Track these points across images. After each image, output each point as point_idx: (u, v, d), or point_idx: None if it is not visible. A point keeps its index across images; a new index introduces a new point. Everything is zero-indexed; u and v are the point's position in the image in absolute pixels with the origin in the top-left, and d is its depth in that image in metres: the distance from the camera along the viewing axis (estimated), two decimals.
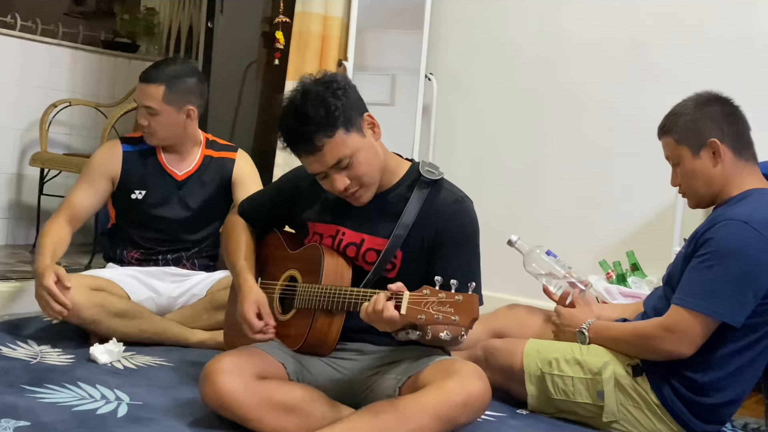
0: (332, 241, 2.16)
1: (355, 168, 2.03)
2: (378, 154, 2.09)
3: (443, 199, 2.11)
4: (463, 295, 1.72)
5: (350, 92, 2.05)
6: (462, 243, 2.10)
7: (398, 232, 2.08)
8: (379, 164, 2.09)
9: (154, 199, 2.93)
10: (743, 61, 3.19)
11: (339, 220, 2.17)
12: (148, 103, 2.86)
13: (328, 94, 2.00)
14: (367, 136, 2.06)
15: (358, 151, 2.02)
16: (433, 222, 2.09)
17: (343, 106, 2.00)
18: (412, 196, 2.11)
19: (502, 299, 2.90)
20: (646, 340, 2.22)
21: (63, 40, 4.75)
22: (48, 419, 1.96)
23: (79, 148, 4.73)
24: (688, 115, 2.27)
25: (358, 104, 2.07)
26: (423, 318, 1.74)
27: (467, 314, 1.71)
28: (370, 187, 2.09)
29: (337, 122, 1.99)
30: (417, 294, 1.76)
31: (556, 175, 3.64)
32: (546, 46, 3.69)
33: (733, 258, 2.13)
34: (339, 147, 2.00)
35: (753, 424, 2.51)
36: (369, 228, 2.13)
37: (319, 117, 1.98)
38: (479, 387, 1.89)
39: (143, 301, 2.83)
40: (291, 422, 1.92)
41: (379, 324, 1.84)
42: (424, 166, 2.15)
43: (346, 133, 2.00)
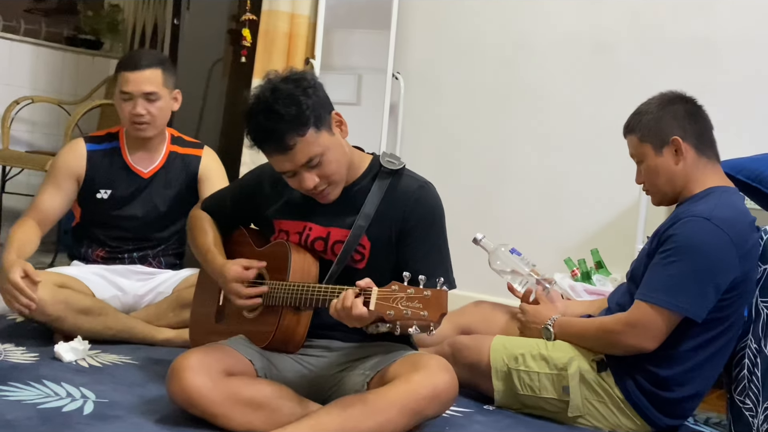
0: (299, 237, 2.17)
1: (324, 166, 2.03)
2: (345, 152, 2.10)
3: (406, 186, 2.13)
4: (431, 291, 1.73)
5: (319, 90, 2.06)
6: (429, 227, 2.11)
7: (359, 223, 2.09)
8: (347, 162, 2.10)
9: (119, 198, 2.90)
10: (704, 61, 3.25)
11: (305, 216, 2.17)
12: (150, 89, 2.81)
13: (298, 92, 1.99)
14: (335, 134, 2.07)
15: (328, 149, 2.03)
16: (399, 209, 2.11)
17: (314, 105, 2.00)
18: (373, 186, 2.12)
19: (469, 297, 2.93)
20: (609, 335, 2.26)
21: (25, 36, 4.69)
22: (12, 416, 1.94)
23: (41, 145, 4.68)
24: (651, 114, 2.31)
25: (326, 102, 2.07)
26: (392, 314, 1.75)
27: (436, 310, 1.72)
28: (338, 185, 2.10)
29: (309, 121, 1.98)
30: (385, 290, 1.77)
31: (522, 174, 3.68)
32: (511, 46, 3.73)
33: (694, 254, 2.16)
34: (310, 146, 1.99)
35: (715, 419, 2.55)
36: (334, 221, 2.14)
37: (291, 115, 1.97)
38: (446, 380, 1.91)
39: (109, 300, 2.80)
40: (258, 418, 1.92)
41: (348, 321, 1.85)
42: (384, 157, 2.16)
43: (317, 131, 2.00)
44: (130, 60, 2.87)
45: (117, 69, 2.88)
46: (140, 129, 2.85)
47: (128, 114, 2.83)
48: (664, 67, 3.31)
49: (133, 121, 2.83)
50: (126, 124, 2.87)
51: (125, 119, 2.85)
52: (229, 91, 5.58)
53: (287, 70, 2.10)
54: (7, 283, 2.54)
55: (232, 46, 5.43)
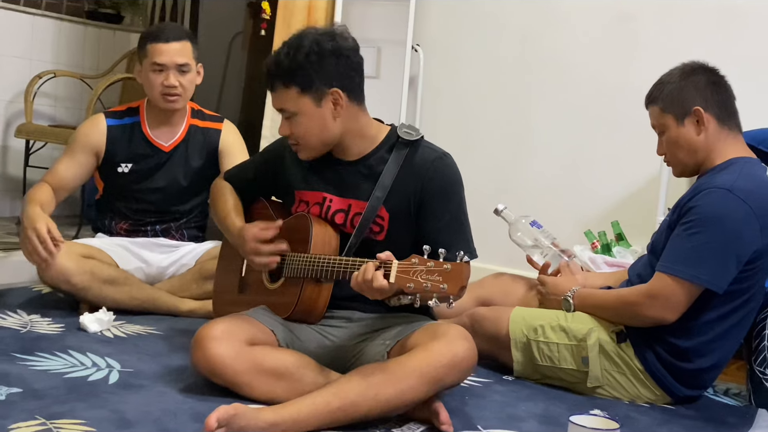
0: (320, 209, 2.18)
1: (294, 126, 2.11)
2: (326, 127, 2.10)
3: (424, 157, 2.13)
4: (452, 264, 1.74)
5: (328, 61, 2.06)
6: (447, 198, 2.11)
7: (377, 194, 2.11)
8: (322, 136, 2.11)
9: (141, 172, 2.93)
10: (729, 30, 3.21)
11: (324, 187, 2.19)
12: (182, 60, 2.84)
13: (302, 53, 2.05)
14: (323, 107, 2.08)
15: (302, 114, 2.08)
16: (417, 180, 2.11)
17: (310, 70, 2.05)
18: (390, 157, 2.13)
19: (488, 269, 2.93)
20: (630, 307, 2.26)
21: (46, 10, 4.70)
22: (40, 386, 1.97)
23: (64, 119, 4.70)
24: (673, 84, 2.29)
25: (331, 75, 2.06)
26: (412, 287, 1.76)
27: (456, 282, 1.73)
28: (307, 149, 2.15)
29: (295, 80, 2.06)
30: (405, 263, 1.78)
31: (542, 146, 3.66)
32: (532, 17, 3.70)
33: (716, 225, 2.16)
34: (286, 100, 2.09)
35: (734, 390, 2.55)
36: (353, 193, 2.15)
37: (284, 66, 2.07)
38: (465, 348, 1.92)
39: (132, 271, 2.83)
40: (281, 387, 1.95)
41: (369, 293, 1.86)
42: (402, 128, 2.17)
43: (300, 93, 2.07)
44: (160, 32, 2.88)
45: (144, 41, 2.88)
46: (171, 101, 2.86)
47: (160, 86, 2.84)
48: (688, 37, 3.27)
49: (164, 93, 2.84)
50: (156, 97, 2.87)
51: (155, 91, 2.85)
52: (249, 65, 5.59)
53: (338, 27, 2.14)
54: (31, 231, 2.55)
55: (252, 20, 5.44)
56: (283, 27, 3.84)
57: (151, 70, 2.84)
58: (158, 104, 2.89)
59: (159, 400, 1.96)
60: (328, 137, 2.13)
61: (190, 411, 1.89)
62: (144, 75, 2.88)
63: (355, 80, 2.12)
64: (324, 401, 1.81)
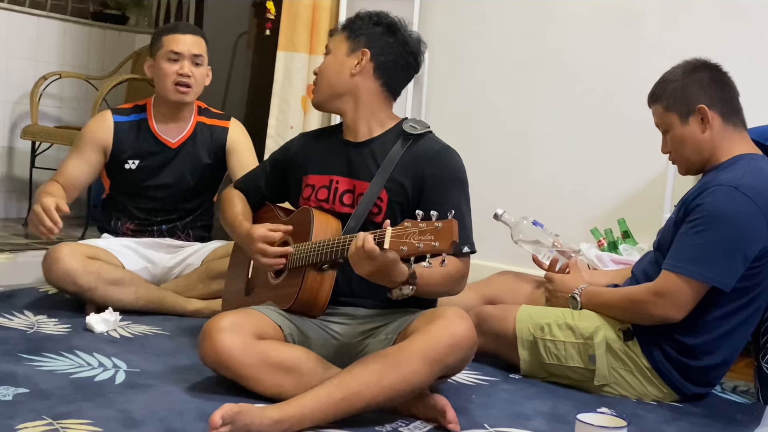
0: (327, 192, 2.21)
1: (323, 63, 2.27)
2: (339, 74, 2.21)
3: (428, 146, 2.18)
4: (442, 222, 1.74)
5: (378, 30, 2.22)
6: (448, 186, 2.12)
7: (378, 177, 2.14)
8: (332, 80, 2.22)
9: (148, 168, 2.93)
10: (733, 28, 3.20)
11: (330, 169, 2.23)
12: (198, 51, 2.89)
13: (375, 17, 2.24)
14: (348, 60, 2.21)
15: (333, 54, 2.25)
16: (419, 166, 2.14)
17: (364, 29, 2.22)
18: (397, 143, 2.17)
19: (494, 267, 2.93)
20: (637, 305, 2.25)
21: (51, 12, 4.71)
22: (46, 386, 1.98)
23: (70, 120, 4.72)
24: (676, 82, 2.28)
25: (371, 41, 2.20)
26: (405, 249, 1.76)
27: (446, 239, 1.73)
28: (317, 90, 2.27)
29: (347, 26, 2.26)
30: (398, 228, 1.79)
31: (548, 144, 3.65)
32: (537, 15, 3.69)
33: (722, 223, 2.15)
34: (332, 40, 2.28)
35: (742, 387, 2.55)
36: (357, 174, 2.19)
37: (352, 17, 2.28)
38: (464, 327, 1.91)
39: (138, 271, 2.84)
40: (288, 381, 1.95)
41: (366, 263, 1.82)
42: (409, 121, 2.23)
43: (345, 39, 2.24)
44: (176, 25, 2.97)
45: (159, 35, 2.92)
46: (183, 91, 2.87)
47: (173, 74, 2.85)
48: (693, 34, 3.26)
49: (177, 82, 2.85)
50: (168, 87, 2.87)
51: (168, 81, 2.86)
52: (254, 64, 5.60)
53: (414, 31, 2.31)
54: (38, 206, 2.56)
55: (257, 19, 5.45)
56: (287, 26, 3.84)
57: (166, 58, 2.86)
58: (169, 95, 2.88)
59: (165, 399, 1.96)
60: (337, 84, 2.21)
61: (197, 410, 1.89)
62: (157, 66, 2.89)
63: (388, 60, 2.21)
64: (327, 393, 1.81)
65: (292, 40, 3.84)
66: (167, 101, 2.91)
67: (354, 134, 2.24)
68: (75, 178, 2.88)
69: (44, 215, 2.54)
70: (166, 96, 2.89)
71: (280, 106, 3.88)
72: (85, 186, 2.97)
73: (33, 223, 2.60)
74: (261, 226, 2.22)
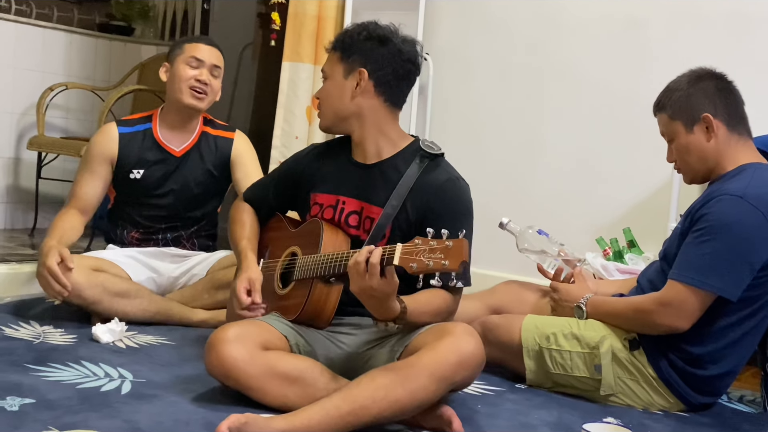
0: (333, 211, 2.20)
1: (322, 90, 2.24)
2: (341, 99, 2.18)
3: (437, 176, 2.15)
4: (453, 241, 1.75)
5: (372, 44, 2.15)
6: (453, 219, 2.10)
7: (393, 202, 2.12)
8: (336, 108, 2.20)
9: (152, 177, 2.95)
10: (738, 36, 3.20)
11: (337, 189, 2.22)
12: (218, 63, 2.94)
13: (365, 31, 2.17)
14: (347, 83, 2.17)
15: (331, 79, 2.21)
16: (425, 196, 2.13)
17: (356, 47, 2.17)
18: (410, 167, 2.15)
19: (499, 277, 2.93)
20: (643, 315, 2.25)
21: (58, 23, 4.73)
22: (53, 396, 1.98)
23: (76, 131, 4.73)
24: (681, 91, 2.29)
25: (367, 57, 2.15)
26: (415, 266, 1.76)
27: (457, 258, 1.73)
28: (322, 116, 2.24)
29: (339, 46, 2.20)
30: (409, 245, 1.79)
31: (553, 154, 3.66)
32: (542, 25, 3.70)
33: (728, 232, 2.15)
34: (327, 62, 2.23)
35: (749, 397, 2.54)
36: (367, 196, 2.18)
37: (341, 35, 2.23)
38: (472, 345, 1.91)
39: (144, 282, 2.85)
40: (294, 392, 1.95)
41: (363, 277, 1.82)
42: (425, 141, 2.20)
43: (339, 60, 2.19)
44: (200, 37, 3.04)
45: (181, 43, 2.95)
46: (198, 97, 2.89)
47: (191, 78, 2.87)
48: (698, 43, 3.26)
49: (193, 87, 2.88)
50: (183, 90, 2.88)
51: (185, 84, 2.87)
52: (260, 75, 5.61)
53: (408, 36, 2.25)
54: (43, 268, 2.59)
55: (262, 30, 5.46)
56: (292, 37, 3.86)
57: (186, 63, 2.88)
58: (183, 98, 2.89)
59: (171, 409, 1.96)
60: (340, 109, 2.19)
61: (202, 420, 1.89)
62: (175, 69, 2.90)
63: (387, 74, 2.17)
64: (334, 406, 1.81)
65: (297, 51, 3.85)
66: (179, 107, 2.92)
67: (363, 155, 2.22)
68: (90, 197, 2.90)
69: (51, 280, 2.57)
70: (179, 99, 2.90)
71: (285, 117, 3.88)
72: (99, 202, 2.96)
73: (42, 284, 2.63)
74: (243, 285, 2.19)
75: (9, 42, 4.42)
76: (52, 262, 2.57)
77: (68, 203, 2.90)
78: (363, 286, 1.84)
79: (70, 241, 2.75)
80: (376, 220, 2.13)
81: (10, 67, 4.44)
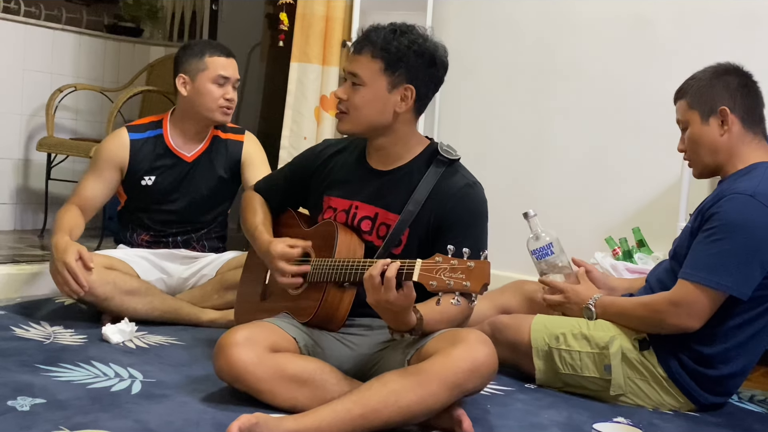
0: (346, 216, 2.19)
1: (354, 94, 2.12)
2: (382, 113, 2.12)
3: (455, 182, 2.14)
4: (475, 262, 1.74)
5: (422, 62, 2.10)
6: (470, 225, 2.11)
7: (410, 208, 2.11)
8: (374, 118, 2.13)
9: (163, 183, 2.95)
10: (747, 35, 3.19)
11: (353, 195, 2.21)
12: (238, 75, 2.95)
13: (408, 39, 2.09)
14: (391, 97, 2.11)
15: (368, 87, 2.10)
16: (442, 202, 2.12)
17: (399, 56, 2.08)
18: (427, 172, 2.14)
19: (508, 277, 2.92)
20: (653, 315, 2.24)
21: (66, 25, 4.75)
22: (63, 396, 1.99)
23: (85, 132, 4.74)
24: (703, 81, 2.28)
25: (417, 75, 2.10)
26: (434, 284, 1.75)
27: (479, 280, 1.72)
28: (351, 123, 2.15)
29: (386, 56, 2.08)
30: (429, 261, 1.78)
31: (561, 154, 3.65)
32: (549, 25, 3.69)
33: (739, 232, 2.14)
34: (364, 67, 2.11)
35: (759, 396, 2.53)
36: (382, 202, 2.16)
37: (385, 40, 2.09)
38: (485, 353, 1.91)
39: (154, 282, 2.86)
40: (303, 394, 1.95)
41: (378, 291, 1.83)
42: (442, 146, 2.18)
43: (382, 71, 2.09)
44: (217, 46, 2.96)
45: (201, 53, 2.89)
46: (228, 114, 2.93)
47: (220, 98, 2.88)
48: (706, 42, 3.25)
49: (224, 106, 2.90)
50: (214, 109, 2.89)
51: (215, 104, 2.88)
52: (268, 75, 5.63)
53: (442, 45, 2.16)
54: (61, 265, 2.59)
55: (270, 31, 5.48)
56: (300, 38, 3.86)
57: (213, 81, 2.88)
58: (215, 117, 2.91)
59: (181, 410, 1.96)
60: (378, 122, 2.14)
61: (212, 420, 1.90)
62: (202, 87, 2.88)
63: (429, 91, 2.16)
64: (345, 409, 1.81)
65: (305, 52, 3.85)
66: (204, 121, 2.93)
67: (383, 162, 2.20)
68: (92, 198, 2.91)
69: (69, 277, 2.57)
70: (206, 117, 2.91)
71: (294, 117, 3.89)
72: (102, 204, 2.98)
73: (57, 282, 2.63)
74: (280, 242, 2.20)
75: (18, 44, 4.44)
76: (71, 259, 2.57)
77: (71, 200, 2.90)
78: (378, 299, 1.85)
79: (76, 239, 2.75)
80: (393, 226, 2.12)
81: (19, 69, 4.46)
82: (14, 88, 4.43)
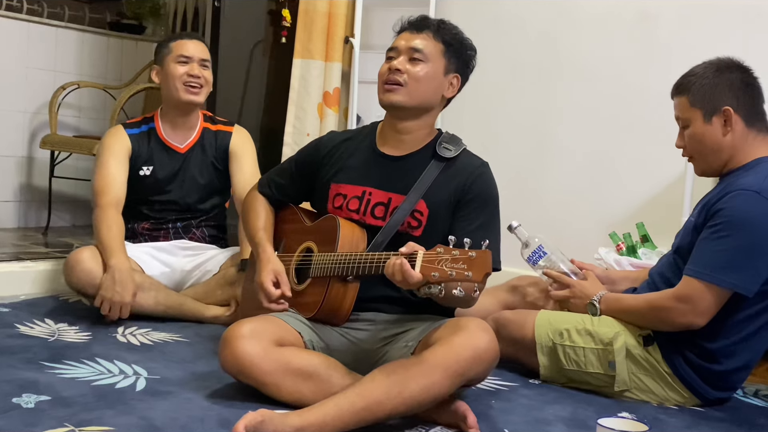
0: (359, 202, 2.19)
1: (419, 67, 2.17)
2: (435, 90, 2.20)
3: (469, 161, 2.20)
4: (476, 252, 1.74)
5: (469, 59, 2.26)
6: (484, 204, 2.15)
7: (414, 193, 2.13)
8: (425, 92, 2.18)
9: (160, 173, 3.02)
10: (751, 31, 3.18)
11: (364, 181, 2.21)
12: (205, 56, 3.01)
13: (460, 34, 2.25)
14: (445, 78, 2.21)
15: (430, 64, 2.17)
16: (461, 179, 2.15)
17: (457, 46, 2.21)
18: (433, 159, 2.17)
19: (512, 273, 2.92)
20: (658, 312, 2.23)
21: (69, 22, 4.75)
22: (68, 394, 1.99)
23: (88, 130, 4.74)
24: (706, 79, 2.25)
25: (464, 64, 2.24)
26: (437, 275, 1.76)
27: (480, 270, 1.73)
28: (408, 93, 2.17)
29: (444, 38, 2.20)
30: (431, 253, 1.79)
31: (565, 149, 3.64)
32: (553, 21, 3.68)
33: (745, 228, 2.13)
34: (426, 43, 2.18)
35: (764, 391, 2.53)
36: (395, 187, 2.18)
37: (440, 24, 2.23)
38: (486, 340, 1.91)
39: (158, 277, 2.89)
40: (308, 388, 1.95)
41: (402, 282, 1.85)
42: (444, 140, 2.22)
43: (442, 52, 2.19)
44: (182, 34, 3.11)
45: (166, 42, 3.02)
46: (193, 92, 2.96)
47: (183, 75, 2.94)
48: (710, 37, 3.24)
49: (187, 83, 2.94)
50: (178, 87, 2.95)
51: (178, 81, 2.94)
52: (271, 72, 5.62)
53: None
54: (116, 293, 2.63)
55: (273, 27, 5.47)
56: (303, 34, 3.86)
57: (175, 61, 2.95)
58: (180, 96, 2.95)
59: (186, 406, 1.97)
60: (429, 100, 2.20)
61: (217, 417, 1.90)
62: (165, 70, 2.98)
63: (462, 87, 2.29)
64: (348, 402, 1.81)
65: (307, 48, 3.85)
66: (177, 104, 2.99)
67: (397, 147, 2.22)
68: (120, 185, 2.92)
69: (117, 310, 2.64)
70: (176, 97, 2.96)
71: (297, 114, 3.89)
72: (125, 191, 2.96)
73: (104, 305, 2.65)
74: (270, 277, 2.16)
75: (21, 41, 4.44)
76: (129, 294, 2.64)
77: (98, 201, 2.87)
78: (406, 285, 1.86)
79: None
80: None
81: (22, 67, 4.46)
82: (17, 85, 4.44)
